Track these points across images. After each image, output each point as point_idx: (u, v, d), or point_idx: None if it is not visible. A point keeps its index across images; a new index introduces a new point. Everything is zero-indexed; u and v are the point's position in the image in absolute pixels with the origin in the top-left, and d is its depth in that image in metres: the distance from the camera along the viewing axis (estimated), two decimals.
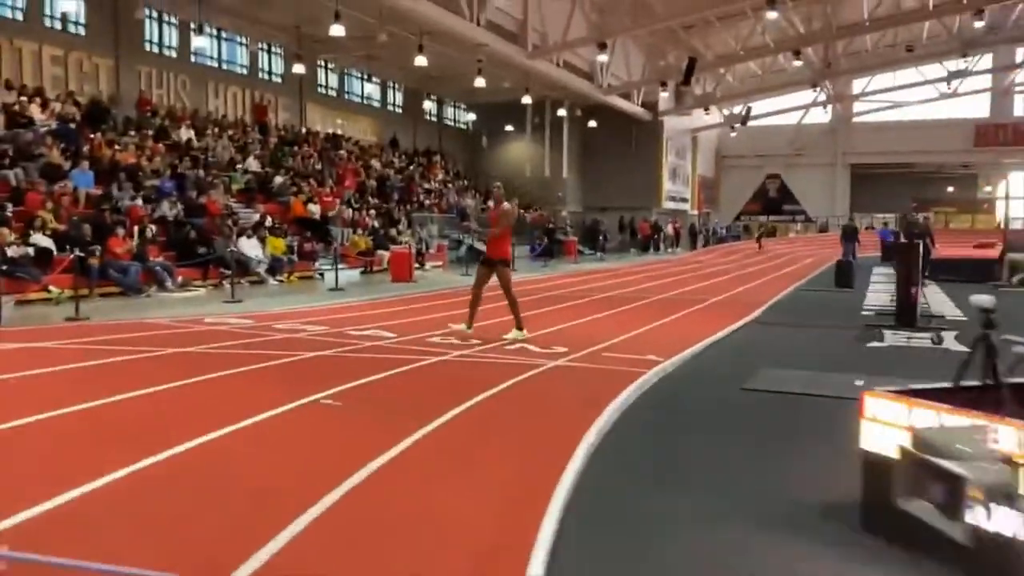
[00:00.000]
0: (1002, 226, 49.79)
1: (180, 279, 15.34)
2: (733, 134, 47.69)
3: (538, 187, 38.32)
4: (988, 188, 53.38)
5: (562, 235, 32.69)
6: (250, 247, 17.19)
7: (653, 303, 14.23)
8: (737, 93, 42.67)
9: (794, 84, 42.53)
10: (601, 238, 35.87)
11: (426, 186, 30.33)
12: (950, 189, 53.86)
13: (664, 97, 39.62)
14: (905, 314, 9.76)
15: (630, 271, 23.58)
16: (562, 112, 34.94)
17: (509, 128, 39.09)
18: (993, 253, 19.95)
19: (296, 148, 26.07)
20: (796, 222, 53.35)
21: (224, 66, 26.38)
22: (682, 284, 18.57)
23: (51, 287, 12.71)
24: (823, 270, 23.76)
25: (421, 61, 23.93)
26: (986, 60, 44.69)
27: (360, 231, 21.63)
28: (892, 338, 9.70)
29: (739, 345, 9.51)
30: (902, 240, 22.71)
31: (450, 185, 32.53)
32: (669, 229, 39.47)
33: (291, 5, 24.19)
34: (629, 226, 38.16)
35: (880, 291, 16.71)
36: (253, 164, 22.79)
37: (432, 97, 36.65)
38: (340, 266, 19.73)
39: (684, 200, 45.08)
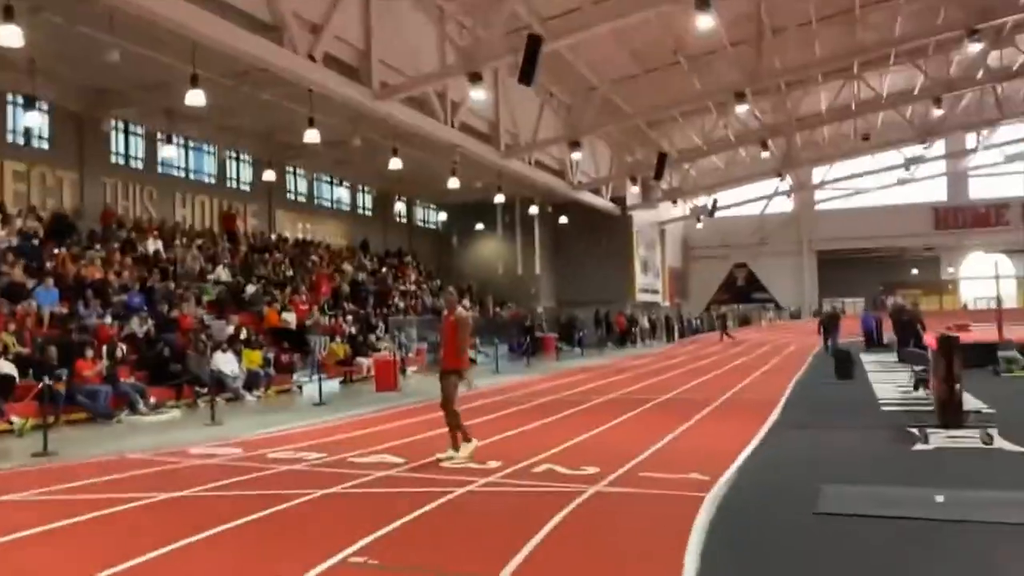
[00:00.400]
0: (966, 307, 50.67)
1: (152, 400, 14.30)
2: (699, 226, 48.13)
3: (511, 284, 37.92)
4: (951, 269, 54.29)
5: (540, 332, 32.06)
6: (225, 362, 16.24)
7: (660, 406, 13.52)
8: (703, 186, 43.20)
9: (757, 175, 43.33)
10: (579, 333, 35.40)
11: (401, 288, 29.67)
12: (914, 271, 54.76)
13: (632, 192, 39.96)
14: (948, 412, 9.14)
15: (617, 368, 22.90)
16: (534, 209, 34.82)
17: (480, 227, 38.88)
18: (984, 337, 19.67)
19: (267, 255, 25.38)
20: (767, 310, 53.53)
21: (192, 175, 25.81)
22: (677, 382, 17.92)
23: (13, 417, 11.63)
24: (813, 360, 23.34)
25: (396, 164, 23.61)
26: (939, 147, 46.02)
27: (338, 339, 20.77)
28: (937, 439, 9.07)
29: (779, 456, 8.77)
30: (892, 327, 22.62)
31: (424, 286, 31.91)
32: (645, 322, 39.08)
33: (261, 113, 23.83)
34: (604, 320, 37.69)
35: (884, 382, 16.20)
36: (223, 274, 22.00)
37: (402, 199, 36.41)
38: (319, 376, 18.91)
39: (656, 292, 44.99)
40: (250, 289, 21.68)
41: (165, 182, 24.54)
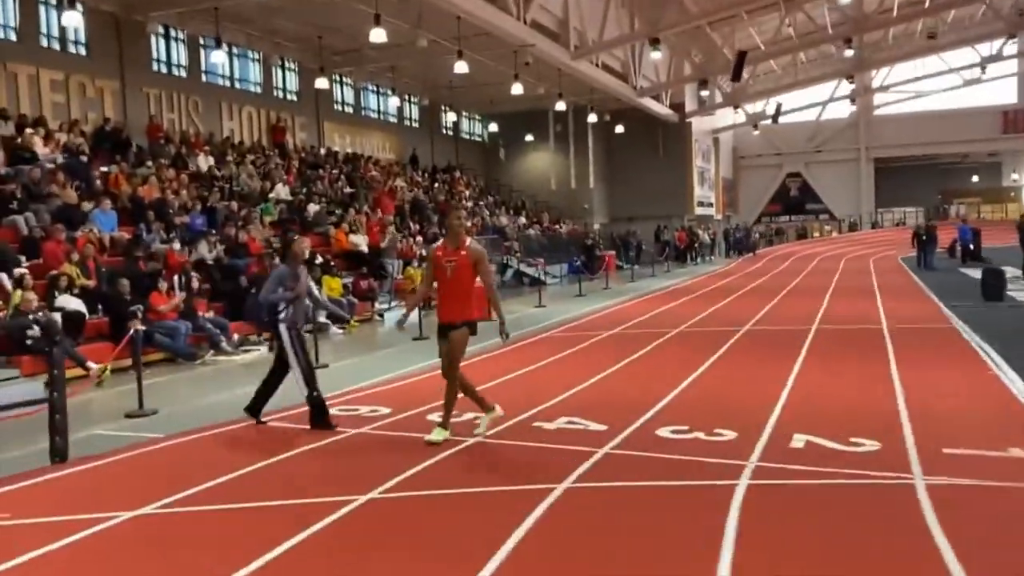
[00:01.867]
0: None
1: (236, 336, 12.75)
2: (756, 133, 45.54)
3: (565, 198, 35.98)
4: (1015, 176, 51.58)
5: (599, 250, 30.24)
6: None
7: (840, 336, 11.78)
8: (760, 91, 40.47)
9: (820, 78, 40.60)
10: (633, 251, 33.60)
11: (461, 205, 27.78)
12: (975, 179, 52.07)
13: (688, 98, 37.52)
14: None
15: (721, 288, 21.14)
16: (592, 117, 32.52)
17: (530, 138, 36.70)
18: None
19: (320, 171, 23.51)
20: (818, 221, 51.22)
21: (237, 84, 23.78)
22: (807, 304, 16.14)
23: (91, 364, 10.07)
24: (927, 277, 21.39)
25: (461, 68, 21.40)
26: (1009, 47, 42.75)
27: (414, 262, 19.08)
28: None
29: None
30: (1021, 239, 20.63)
31: (481, 203, 30.01)
32: (706, 237, 37.14)
33: (312, 13, 21.64)
34: (662, 236, 35.74)
35: None
36: (282, 192, 20.21)
37: (449, 109, 34.15)
38: (394, 304, 17.36)
39: (710, 204, 42.84)
40: (312, 208, 19.91)
41: (210, 92, 22.55)
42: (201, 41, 22.00)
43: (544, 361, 10.47)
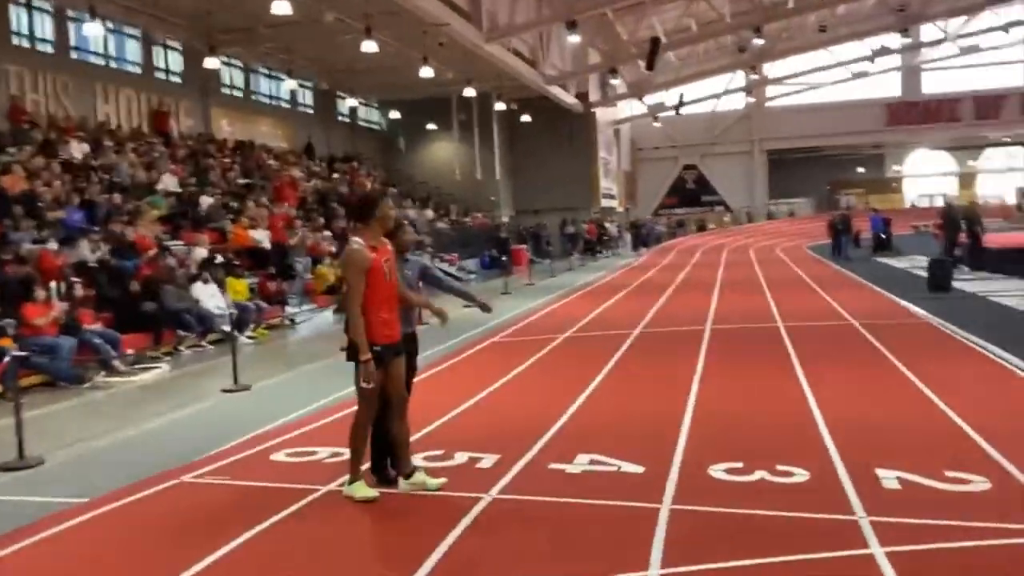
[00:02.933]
0: (914, 205, 50.20)
1: (130, 353, 10.78)
2: (657, 124, 45.35)
3: (470, 191, 34.54)
4: (896, 167, 53.61)
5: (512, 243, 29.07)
6: (209, 295, 12.72)
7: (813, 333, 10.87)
8: (668, 81, 40.09)
9: (727, 68, 40.77)
10: (546, 244, 32.70)
11: None
12: (860, 170, 53.80)
13: (591, 88, 36.79)
14: None
15: (650, 282, 20.26)
16: (500, 106, 31.24)
17: (431, 127, 35.06)
18: None
19: (211, 160, 21.30)
20: (714, 212, 51.69)
21: (113, 64, 21.22)
22: (757, 300, 15.34)
23: None
24: (866, 270, 21.08)
25: (370, 47, 19.75)
26: (894, 40, 44.04)
27: (326, 260, 17.28)
28: None
29: None
30: (943, 227, 20.57)
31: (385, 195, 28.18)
32: (614, 230, 36.54)
33: None
34: (569, 229, 34.87)
35: (1001, 294, 14.04)
36: (170, 183, 17.97)
37: (345, 96, 32.13)
38: (304, 307, 15.65)
39: (613, 197, 42.34)
40: (205, 201, 17.80)
41: (82, 71, 19.96)
42: (70, 13, 19.41)
43: (515, 371, 9.10)
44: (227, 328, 12.22)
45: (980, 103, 47.10)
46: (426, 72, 23.19)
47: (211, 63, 20.97)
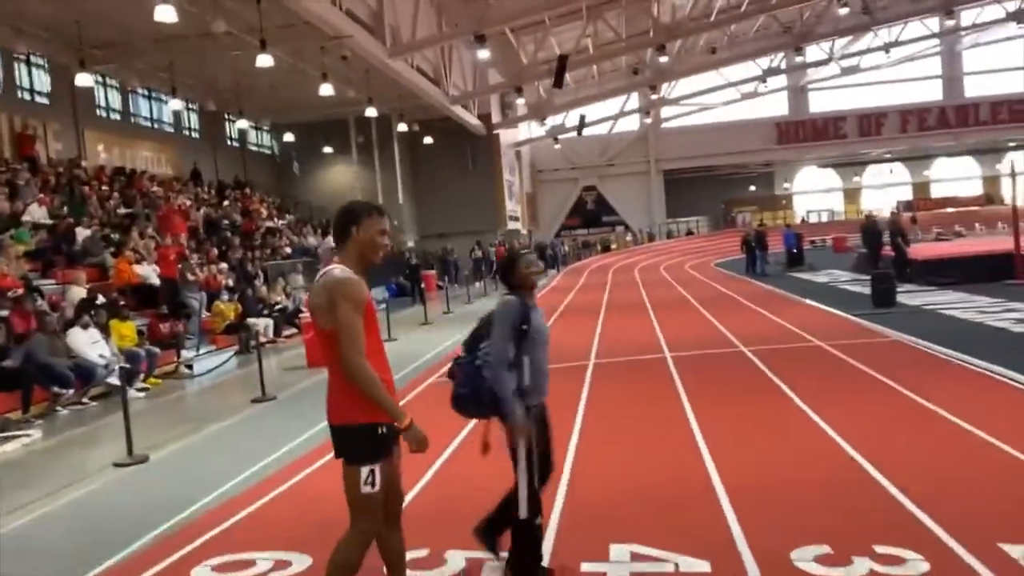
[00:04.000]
0: (805, 220, 51.42)
1: None
2: (557, 146, 44.90)
3: None
4: (786, 184, 54.94)
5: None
6: (88, 343, 10.80)
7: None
8: (567, 102, 39.60)
9: (626, 88, 40.71)
10: (453, 269, 31.41)
11: (268, 224, 23.99)
12: (752, 188, 54.87)
13: (493, 109, 35.94)
14: None
15: (580, 305, 19.15)
16: (401, 127, 29.83)
17: (327, 150, 33.31)
18: (1002, 246, 17.78)
19: (86, 188, 19.07)
20: (615, 232, 51.56)
21: None
22: (697, 320, 14.42)
23: None
24: (794, 286, 20.64)
25: (265, 61, 17.98)
26: (780, 60, 45.15)
27: (224, 295, 15.41)
28: None
29: None
30: (863, 239, 20.35)
31: (282, 222, 26.29)
32: None
33: None
34: (477, 253, 33.67)
35: (947, 305, 13.62)
36: (38, 213, 15.76)
37: (231, 118, 30.06)
38: (203, 350, 13.86)
39: (517, 219, 41.45)
40: (82, 234, 15.68)
41: None
42: None
43: (469, 424, 7.71)
44: (114, 381, 10.40)
45: (863, 121, 48.82)
46: (326, 90, 21.56)
47: (82, 80, 18.77)
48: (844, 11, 28.85)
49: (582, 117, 39.56)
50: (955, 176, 53.97)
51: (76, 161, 21.06)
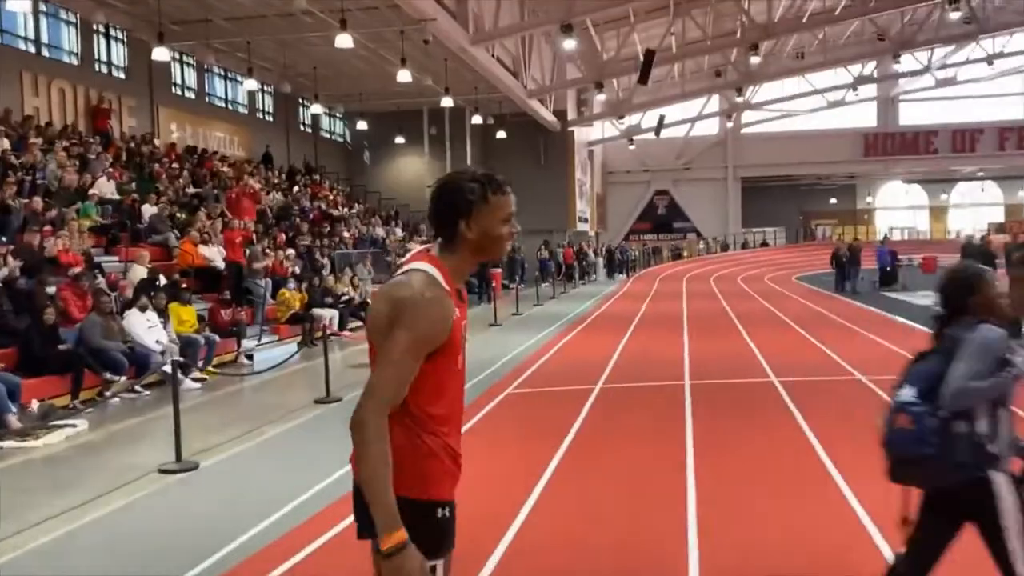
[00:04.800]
0: (886, 237, 49.19)
1: (35, 404, 8.19)
2: (632, 147, 43.63)
3: None
4: (869, 199, 52.71)
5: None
6: (144, 327, 10.15)
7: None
8: (644, 102, 38.33)
9: (707, 91, 39.28)
10: (521, 269, 30.47)
11: (335, 213, 23.41)
12: (833, 201, 52.80)
13: (569, 106, 34.93)
14: None
15: (662, 315, 18.03)
16: (476, 119, 29.02)
17: (399, 140, 32.67)
18: None
19: (157, 165, 18.67)
20: (686, 239, 50.00)
21: (45, 52, 18.51)
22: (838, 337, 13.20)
23: None
24: (897, 308, 19.23)
25: (344, 42, 17.32)
26: (870, 68, 43.14)
27: (291, 283, 14.74)
28: None
29: None
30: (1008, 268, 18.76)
31: (353, 210, 25.71)
32: (591, 254, 34.48)
33: None
34: (548, 252, 32.70)
35: None
36: (106, 188, 15.30)
37: (306, 102, 29.65)
38: (264, 340, 13.18)
39: (586, 220, 40.34)
40: (148, 211, 15.19)
41: (6, 57, 17.23)
42: None
43: (562, 448, 6.74)
44: (167, 369, 9.71)
45: (957, 136, 46.37)
46: (403, 76, 20.82)
47: (160, 54, 18.31)
48: (955, 15, 26.87)
49: (661, 117, 38.25)
50: None
51: (149, 137, 20.74)
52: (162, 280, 11.73)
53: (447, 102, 25.15)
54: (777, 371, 10.08)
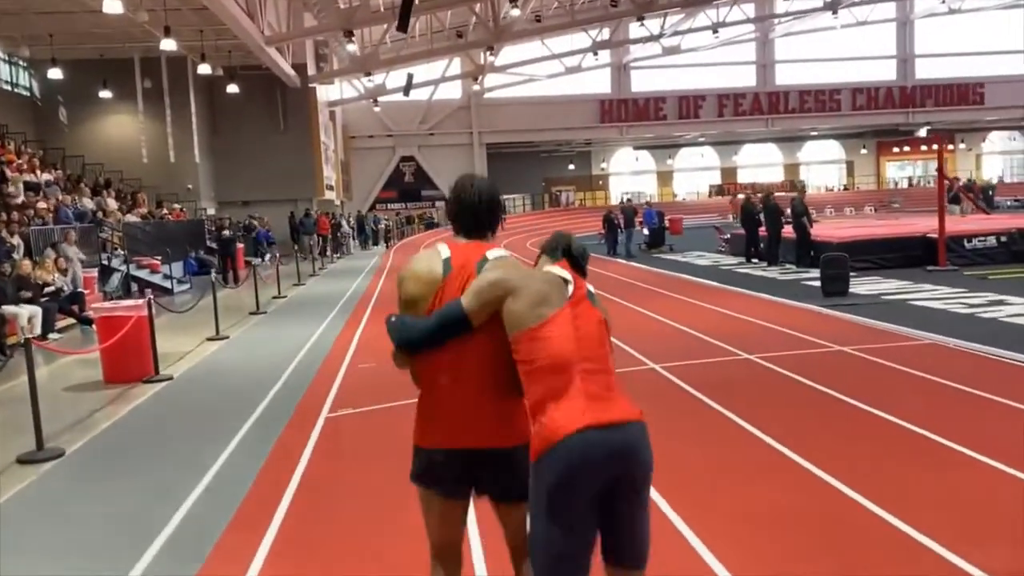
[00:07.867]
0: (622, 202, 50.79)
1: None
2: (377, 108, 40.80)
3: (161, 177, 27.41)
4: (603, 165, 54.15)
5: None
6: None
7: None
8: (388, 59, 35.60)
9: (451, 50, 37.37)
10: (268, 243, 26.96)
11: (29, 180, 18.44)
12: (571, 167, 53.62)
13: (309, 60, 31.41)
14: None
15: None
16: (204, 68, 24.64)
17: (105, 94, 27.36)
18: (919, 229, 16.43)
19: None
20: (434, 207, 48.24)
21: None
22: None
23: None
24: (685, 269, 18.44)
25: None
26: (604, 34, 43.69)
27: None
28: None
29: None
30: (742, 221, 18.28)
31: (50, 176, 20.66)
32: (346, 226, 31.49)
33: None
34: (298, 223, 29.28)
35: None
36: None
37: None
38: None
39: (332, 188, 37.06)
40: None
41: None
42: None
43: None
44: None
45: (683, 102, 48.60)
46: (111, 6, 16.57)
47: None
48: None
49: (410, 76, 35.85)
50: (759, 162, 55.65)
51: None
52: None
53: (168, 45, 20.83)
54: (652, 357, 8.27)
